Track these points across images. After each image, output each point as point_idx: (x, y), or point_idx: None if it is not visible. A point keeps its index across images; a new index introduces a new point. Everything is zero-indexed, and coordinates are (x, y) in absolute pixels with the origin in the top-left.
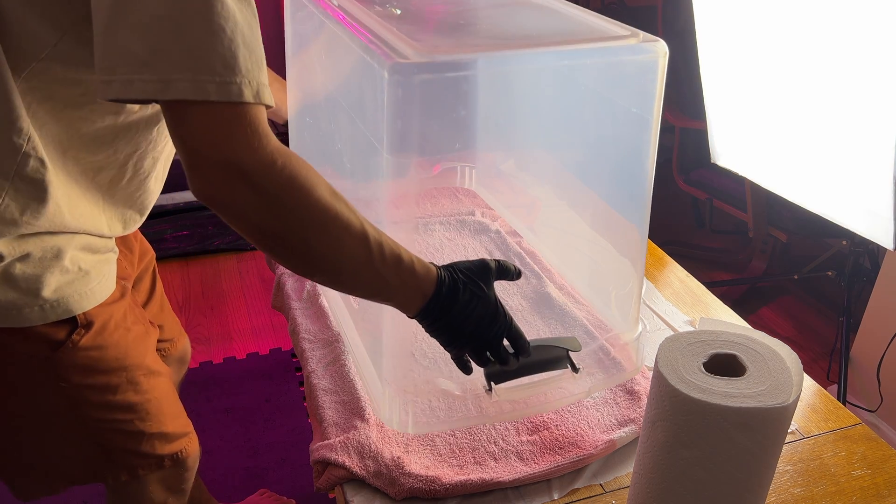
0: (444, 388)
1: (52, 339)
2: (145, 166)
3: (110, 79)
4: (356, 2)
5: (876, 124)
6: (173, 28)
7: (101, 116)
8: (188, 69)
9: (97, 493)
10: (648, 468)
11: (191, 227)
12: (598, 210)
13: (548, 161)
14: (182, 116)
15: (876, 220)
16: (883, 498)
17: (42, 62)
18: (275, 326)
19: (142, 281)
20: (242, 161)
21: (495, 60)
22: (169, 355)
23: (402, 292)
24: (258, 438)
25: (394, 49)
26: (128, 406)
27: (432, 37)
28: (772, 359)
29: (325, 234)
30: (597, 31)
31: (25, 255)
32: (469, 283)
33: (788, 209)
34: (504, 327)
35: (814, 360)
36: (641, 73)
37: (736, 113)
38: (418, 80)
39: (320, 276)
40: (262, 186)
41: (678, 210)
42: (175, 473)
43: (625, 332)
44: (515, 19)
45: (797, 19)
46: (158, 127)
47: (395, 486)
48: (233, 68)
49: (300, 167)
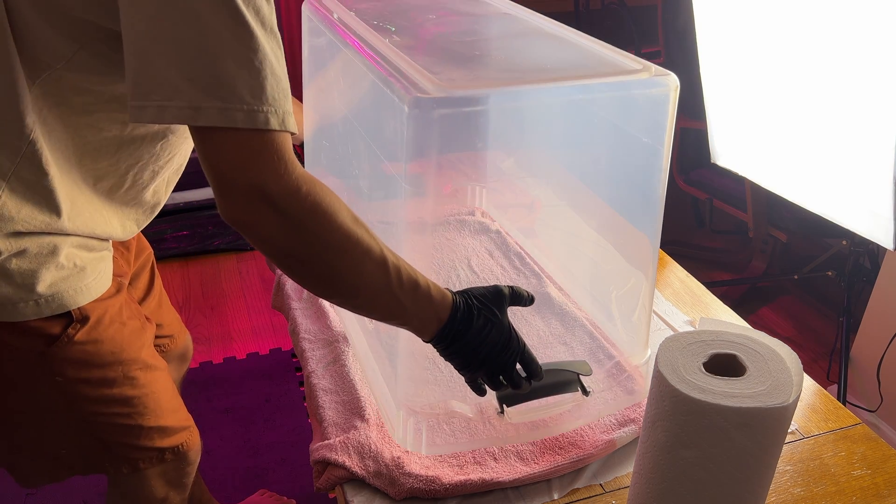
0: (457, 409)
1: (46, 334)
2: (144, 178)
3: (144, 104)
4: (362, 23)
5: (876, 124)
6: (206, 58)
7: (109, 126)
8: (218, 97)
9: (97, 492)
10: (648, 468)
11: (191, 227)
12: (607, 221)
13: (548, 161)
14: (211, 142)
15: (876, 220)
16: (883, 498)
17: (57, 71)
18: (275, 326)
19: (139, 278)
20: (268, 187)
21: (511, 95)
22: (169, 351)
23: (419, 317)
24: (258, 438)
25: (413, 82)
26: (124, 400)
27: (449, 69)
28: (772, 359)
29: (346, 258)
30: (608, 63)
31: (22, 250)
32: (483, 309)
33: (788, 209)
34: (517, 352)
35: (814, 360)
36: (653, 106)
37: (736, 113)
38: (437, 114)
39: (340, 299)
40: (287, 212)
41: (678, 210)
42: (176, 467)
43: (635, 356)
44: (528, 51)
45: (797, 19)
46: (163, 143)
47: (395, 486)
48: (260, 97)
49: (324, 193)
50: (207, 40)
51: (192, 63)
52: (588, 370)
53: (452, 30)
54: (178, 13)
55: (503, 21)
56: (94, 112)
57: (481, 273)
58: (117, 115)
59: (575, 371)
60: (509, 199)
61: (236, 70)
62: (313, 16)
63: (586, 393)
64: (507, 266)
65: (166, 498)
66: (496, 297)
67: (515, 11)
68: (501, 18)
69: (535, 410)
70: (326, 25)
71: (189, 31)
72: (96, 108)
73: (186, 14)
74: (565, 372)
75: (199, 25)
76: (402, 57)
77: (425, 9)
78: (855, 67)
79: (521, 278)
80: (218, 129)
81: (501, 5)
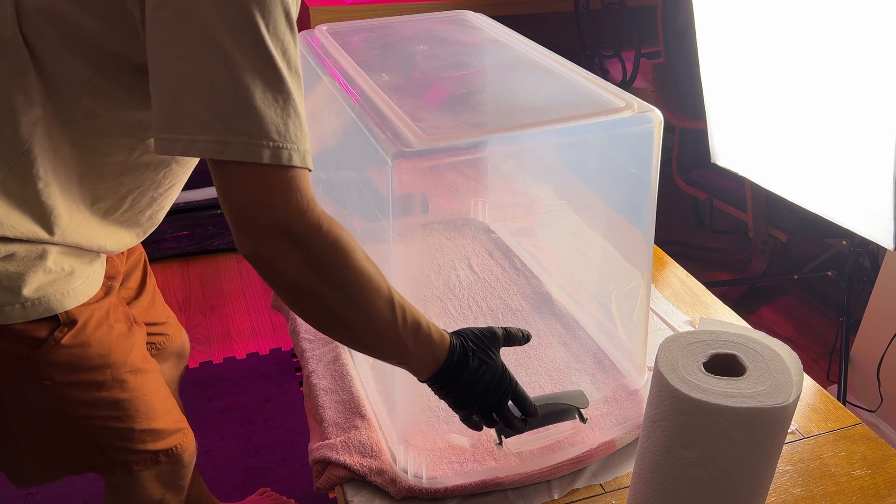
0: (457, 443)
1: (32, 337)
2: (142, 203)
3: (175, 138)
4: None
5: (876, 124)
6: (236, 97)
7: (116, 151)
8: (245, 133)
9: (97, 493)
10: (648, 468)
11: (191, 227)
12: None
13: (548, 161)
14: (235, 177)
15: (876, 220)
16: (883, 498)
17: (71, 93)
18: (275, 326)
19: (130, 276)
20: (290, 223)
21: (496, 140)
22: (165, 349)
23: (418, 357)
24: (258, 438)
25: (396, 133)
26: (114, 403)
27: (435, 114)
28: (772, 359)
29: (359, 295)
30: (593, 101)
31: (10, 255)
32: (478, 351)
33: (788, 209)
34: (509, 390)
35: (814, 360)
36: (638, 140)
37: (736, 113)
38: (421, 166)
39: (346, 335)
40: (307, 248)
41: (678, 210)
42: (171, 469)
43: (634, 381)
44: (516, 87)
45: (797, 19)
46: (166, 171)
47: (395, 486)
48: (285, 135)
49: (341, 230)
50: (237, 79)
51: (221, 100)
52: (585, 402)
53: (442, 63)
54: (208, 52)
55: (493, 51)
56: (102, 136)
57: (481, 273)
58: (125, 141)
59: (572, 404)
60: (509, 199)
61: (264, 108)
62: (306, 52)
63: (584, 420)
64: (507, 266)
65: (163, 499)
66: (491, 338)
67: (504, 38)
68: (491, 48)
69: (533, 440)
70: (317, 62)
71: (219, 70)
72: (106, 131)
73: (216, 53)
74: (562, 404)
75: (230, 65)
76: (384, 100)
77: (416, 39)
78: (855, 67)
79: (521, 278)
80: (243, 165)
81: (492, 32)
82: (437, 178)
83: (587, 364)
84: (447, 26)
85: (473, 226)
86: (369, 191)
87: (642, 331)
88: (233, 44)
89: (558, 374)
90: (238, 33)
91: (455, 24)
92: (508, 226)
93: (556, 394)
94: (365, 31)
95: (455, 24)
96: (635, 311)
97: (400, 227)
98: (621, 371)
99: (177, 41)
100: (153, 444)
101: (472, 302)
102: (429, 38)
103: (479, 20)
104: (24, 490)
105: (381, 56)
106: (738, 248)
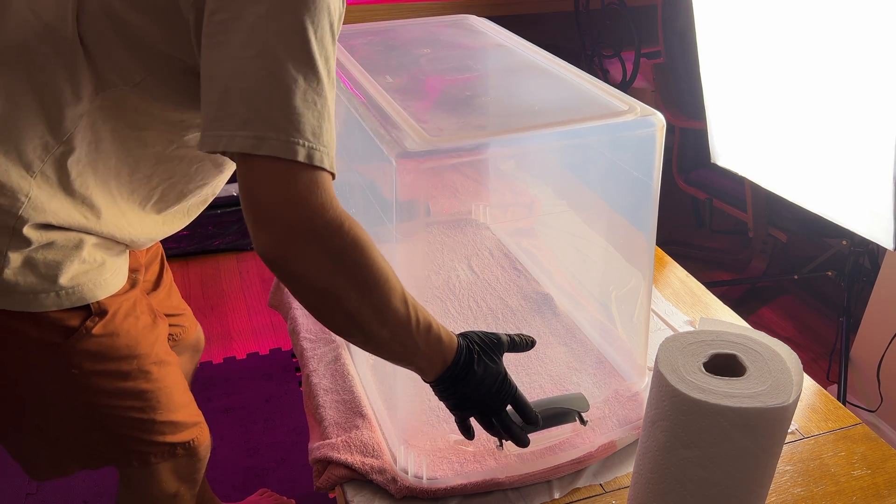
0: (457, 443)
1: (65, 326)
2: (171, 197)
3: (219, 134)
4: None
5: (876, 124)
6: (278, 95)
7: (154, 142)
8: (283, 130)
9: (98, 493)
10: (648, 468)
11: (191, 227)
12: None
13: (549, 163)
14: (266, 174)
15: (876, 219)
16: (883, 498)
17: (121, 90)
18: (275, 326)
19: (148, 270)
20: (314, 221)
21: (499, 142)
22: (181, 341)
23: (428, 357)
24: (258, 438)
25: (401, 134)
26: (138, 393)
27: (439, 116)
28: (772, 359)
29: (376, 294)
30: (596, 104)
31: (50, 242)
32: (483, 356)
33: (788, 209)
34: (508, 396)
35: (814, 360)
36: (640, 144)
37: (736, 113)
38: (425, 167)
39: (362, 336)
40: (329, 246)
41: (678, 210)
42: (188, 462)
43: (634, 383)
44: (519, 90)
45: (797, 19)
46: (199, 166)
47: (395, 485)
48: (319, 137)
49: (360, 230)
50: (281, 80)
51: (263, 98)
52: (585, 405)
53: (446, 66)
54: (258, 53)
55: (496, 54)
56: (145, 129)
57: (481, 273)
58: (166, 135)
59: (572, 408)
60: (509, 200)
61: (303, 109)
62: None
63: (584, 423)
64: (507, 266)
65: (178, 493)
66: (496, 344)
67: (508, 42)
68: (494, 52)
69: (534, 442)
70: None
71: (266, 71)
72: (149, 126)
73: (265, 54)
74: (561, 408)
75: (276, 66)
76: (389, 102)
77: (419, 42)
78: (854, 67)
79: (522, 278)
80: (274, 161)
81: (496, 36)
82: (439, 178)
83: (588, 365)
84: (450, 30)
85: (474, 226)
86: (373, 192)
87: (643, 332)
88: (282, 47)
89: (558, 375)
90: (288, 38)
91: (458, 28)
92: (509, 226)
93: (556, 397)
94: (368, 34)
95: (458, 28)
96: (636, 313)
97: (404, 229)
98: (621, 373)
99: (229, 42)
100: (172, 436)
101: (472, 302)
102: (432, 42)
103: (483, 24)
104: (24, 490)
105: (385, 59)
106: (738, 248)
